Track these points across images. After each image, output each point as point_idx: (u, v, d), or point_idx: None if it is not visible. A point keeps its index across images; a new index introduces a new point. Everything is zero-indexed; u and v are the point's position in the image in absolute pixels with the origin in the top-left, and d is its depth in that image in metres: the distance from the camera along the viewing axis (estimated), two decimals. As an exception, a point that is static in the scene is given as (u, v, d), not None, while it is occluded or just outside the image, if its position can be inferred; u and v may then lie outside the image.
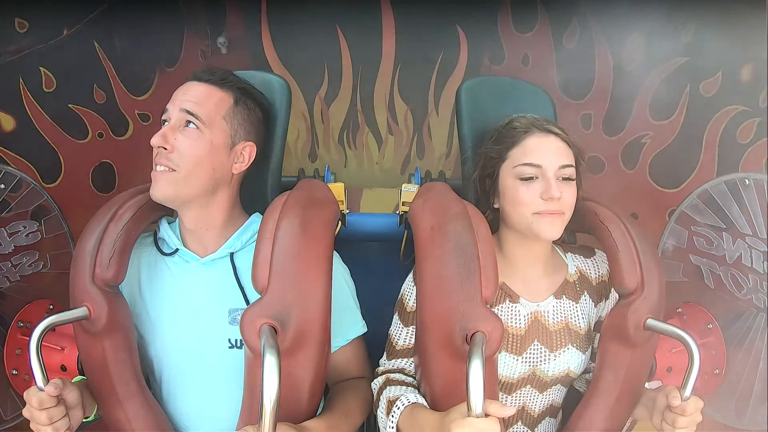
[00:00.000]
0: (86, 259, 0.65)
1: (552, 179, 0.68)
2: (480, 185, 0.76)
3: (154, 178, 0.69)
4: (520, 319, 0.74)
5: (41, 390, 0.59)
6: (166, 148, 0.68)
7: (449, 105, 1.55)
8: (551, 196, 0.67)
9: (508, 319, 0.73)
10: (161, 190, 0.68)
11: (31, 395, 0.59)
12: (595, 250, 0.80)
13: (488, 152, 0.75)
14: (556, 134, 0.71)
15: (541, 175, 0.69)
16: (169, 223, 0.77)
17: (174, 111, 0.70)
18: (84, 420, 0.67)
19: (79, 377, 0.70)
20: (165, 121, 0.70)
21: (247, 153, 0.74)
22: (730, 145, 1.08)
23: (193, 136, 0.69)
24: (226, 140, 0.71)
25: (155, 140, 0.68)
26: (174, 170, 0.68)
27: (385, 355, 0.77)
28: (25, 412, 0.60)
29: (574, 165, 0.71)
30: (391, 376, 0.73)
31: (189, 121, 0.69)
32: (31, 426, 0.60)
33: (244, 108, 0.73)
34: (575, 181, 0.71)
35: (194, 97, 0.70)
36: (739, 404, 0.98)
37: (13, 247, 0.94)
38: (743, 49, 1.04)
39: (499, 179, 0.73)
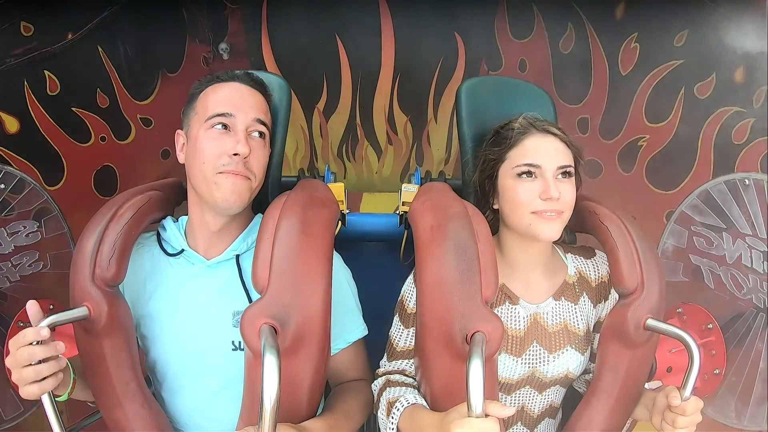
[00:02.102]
0: (86, 259, 0.65)
1: (551, 179, 0.69)
2: (480, 186, 0.77)
3: (233, 180, 0.67)
4: (519, 321, 0.74)
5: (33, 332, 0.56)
6: (246, 158, 0.68)
7: (448, 111, 1.56)
8: (550, 196, 0.67)
9: (507, 320, 0.73)
10: (242, 197, 0.68)
11: (20, 334, 0.56)
12: (596, 251, 0.80)
13: (487, 153, 0.75)
14: (554, 134, 0.72)
15: (540, 175, 0.69)
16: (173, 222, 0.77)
17: (244, 118, 0.69)
18: (56, 398, 0.63)
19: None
20: (224, 125, 0.68)
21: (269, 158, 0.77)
22: (726, 146, 1.09)
23: (261, 146, 0.71)
24: (269, 149, 0.74)
25: (244, 149, 0.67)
26: (250, 179, 0.69)
27: (385, 356, 0.77)
28: (7, 360, 0.57)
29: (573, 165, 0.72)
30: (392, 377, 0.73)
31: (259, 132, 0.71)
32: (13, 376, 0.57)
33: (271, 116, 0.76)
34: (574, 181, 0.72)
35: (260, 107, 0.72)
36: (739, 404, 0.97)
37: (13, 247, 0.93)
38: (736, 51, 1.05)
39: (498, 180, 0.73)
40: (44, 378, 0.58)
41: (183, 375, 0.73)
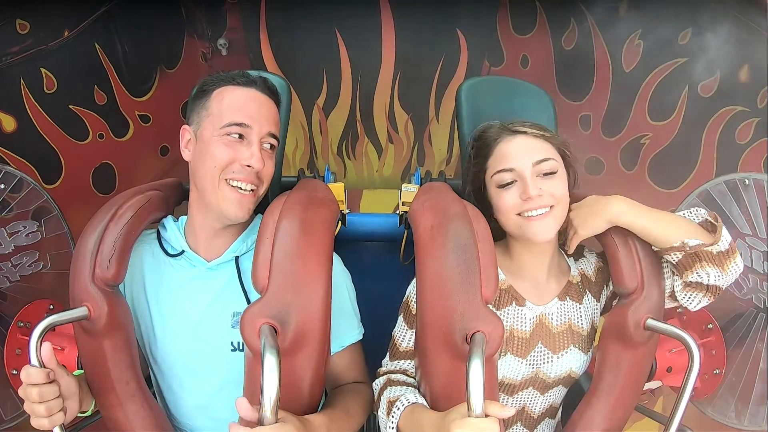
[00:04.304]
0: (86, 259, 0.65)
1: (529, 178, 0.68)
2: (476, 199, 0.77)
3: (240, 198, 0.68)
4: (525, 323, 0.74)
5: (33, 366, 0.59)
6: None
7: (449, 110, 1.55)
8: (529, 196, 0.67)
9: (514, 322, 0.73)
10: (246, 210, 0.69)
11: (23, 370, 0.59)
12: (584, 248, 0.80)
13: (472, 167, 0.75)
14: (523, 133, 0.71)
15: (518, 177, 0.69)
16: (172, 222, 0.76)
17: (260, 130, 0.68)
18: (81, 414, 0.66)
19: (79, 371, 0.69)
20: (240, 135, 0.68)
21: None
22: (729, 146, 1.08)
23: (271, 157, 0.72)
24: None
25: (258, 164, 0.67)
26: (256, 187, 0.69)
27: (387, 355, 0.77)
28: (20, 391, 0.60)
29: (553, 157, 0.70)
30: (393, 376, 0.73)
31: (271, 144, 0.71)
32: (25, 406, 0.60)
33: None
34: (559, 174, 0.70)
35: (274, 118, 0.71)
36: (739, 404, 0.98)
37: (13, 247, 0.93)
38: (741, 50, 1.04)
39: (487, 190, 0.73)
40: (55, 413, 0.59)
41: (182, 375, 0.74)
